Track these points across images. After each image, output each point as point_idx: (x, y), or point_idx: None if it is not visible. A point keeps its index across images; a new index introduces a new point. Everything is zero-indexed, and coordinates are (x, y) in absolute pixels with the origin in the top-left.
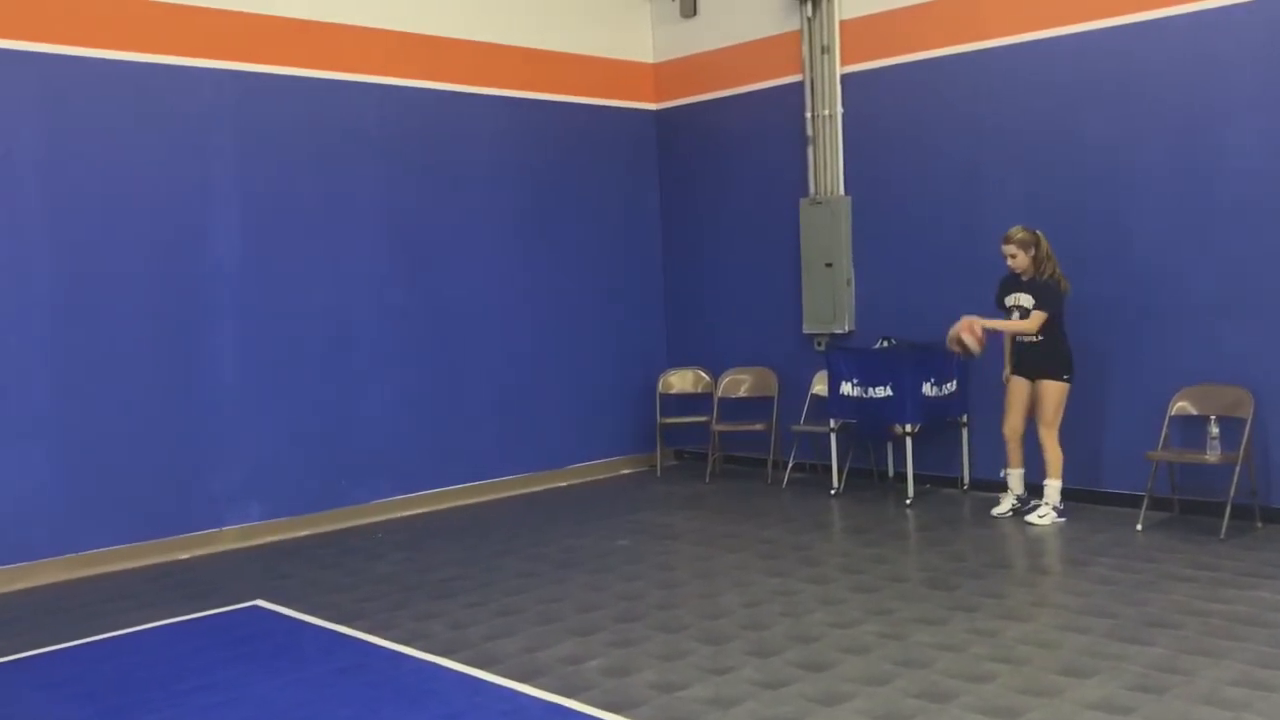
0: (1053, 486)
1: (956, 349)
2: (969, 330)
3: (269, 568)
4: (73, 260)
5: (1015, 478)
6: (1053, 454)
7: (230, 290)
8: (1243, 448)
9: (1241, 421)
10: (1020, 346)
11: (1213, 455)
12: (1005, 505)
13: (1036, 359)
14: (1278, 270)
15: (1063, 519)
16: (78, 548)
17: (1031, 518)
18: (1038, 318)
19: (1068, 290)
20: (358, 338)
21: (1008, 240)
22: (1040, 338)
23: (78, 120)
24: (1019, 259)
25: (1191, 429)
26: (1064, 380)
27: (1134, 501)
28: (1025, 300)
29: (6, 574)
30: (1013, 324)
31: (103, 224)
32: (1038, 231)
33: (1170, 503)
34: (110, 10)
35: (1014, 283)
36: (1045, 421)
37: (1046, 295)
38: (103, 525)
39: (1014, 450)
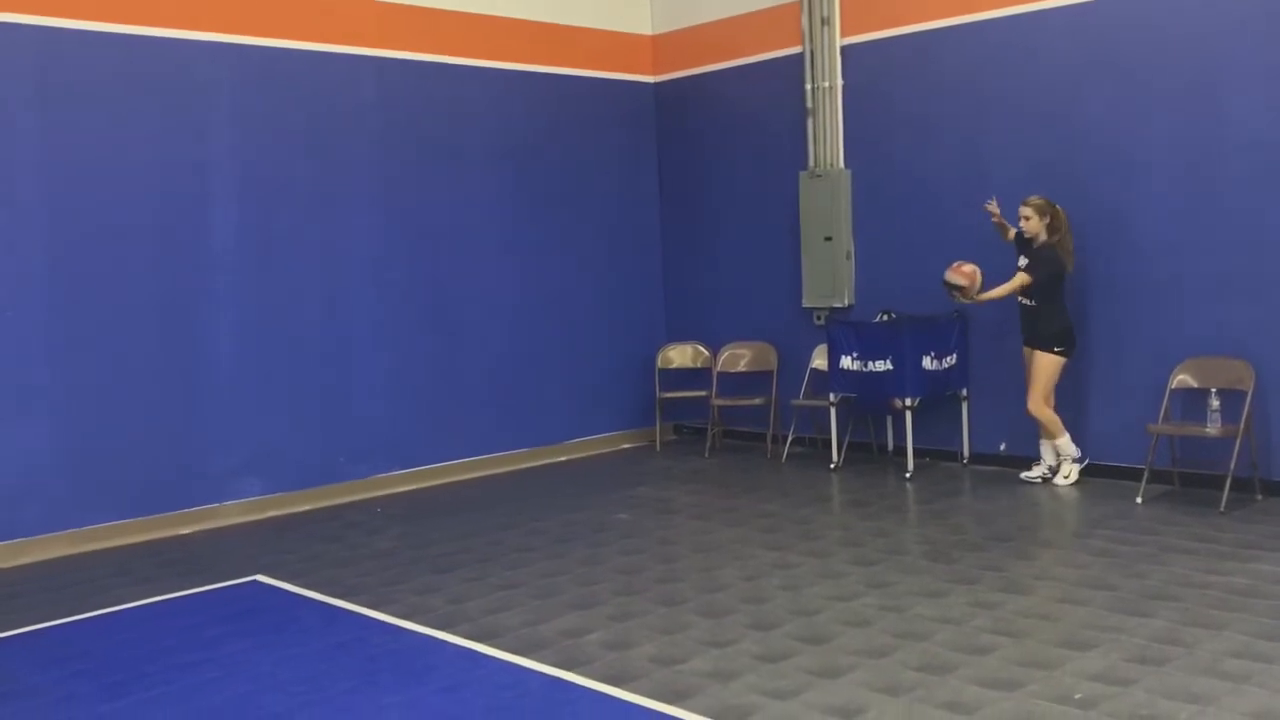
0: (1062, 443)
1: (955, 295)
2: (954, 270)
3: (269, 543)
4: (70, 235)
5: (1045, 448)
6: (1047, 420)
7: (229, 265)
8: (1243, 421)
9: (1242, 394)
10: (1020, 311)
11: (1213, 428)
12: (1035, 472)
13: (1029, 325)
14: (1278, 241)
15: (1084, 460)
16: (78, 523)
17: (1057, 480)
18: (1021, 279)
19: (1068, 267)
20: (356, 313)
21: (1025, 203)
22: (1032, 302)
23: (73, 93)
24: (1031, 222)
25: (1192, 402)
26: (1054, 353)
27: (1135, 474)
28: (1023, 263)
29: (7, 549)
30: (1002, 287)
31: (100, 199)
32: (1058, 206)
33: (1171, 475)
34: None
35: (1023, 246)
36: (1032, 393)
37: (1038, 261)
38: (103, 501)
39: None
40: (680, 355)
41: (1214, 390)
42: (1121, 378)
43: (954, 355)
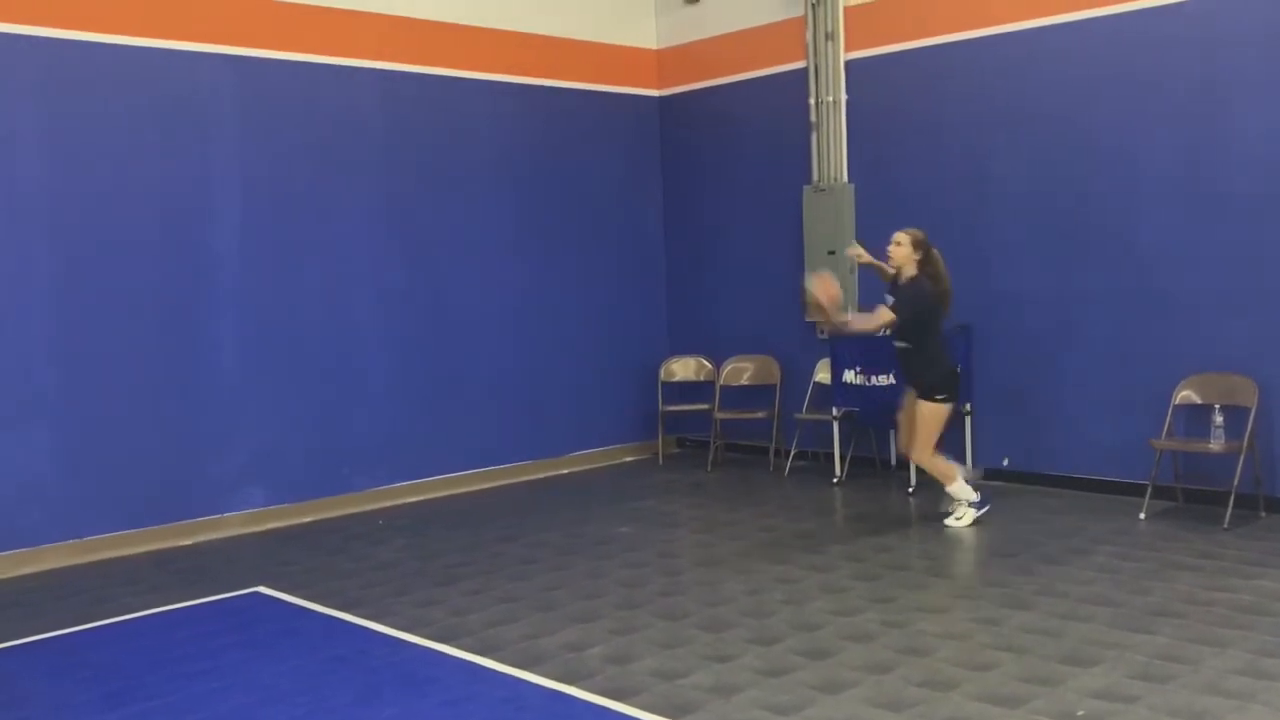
0: (954, 489)
1: (817, 316)
2: (816, 280)
3: (271, 554)
4: (74, 245)
5: (945, 495)
6: (935, 470)
7: (232, 275)
8: (1247, 437)
9: (1246, 410)
10: (896, 353)
11: (1217, 444)
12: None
13: (907, 369)
14: None
15: (985, 508)
16: (81, 533)
17: (949, 521)
18: (884, 315)
19: (943, 308)
20: (358, 324)
21: (900, 232)
22: (906, 344)
23: (77, 105)
24: (899, 250)
25: (1195, 418)
26: (936, 400)
27: (1138, 490)
28: (889, 300)
29: (10, 559)
30: (865, 318)
31: (103, 209)
32: (935, 249)
33: (1174, 491)
34: None
35: (893, 283)
36: (915, 442)
37: (903, 298)
38: (106, 511)
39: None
40: (683, 368)
41: (1218, 406)
42: (1125, 393)
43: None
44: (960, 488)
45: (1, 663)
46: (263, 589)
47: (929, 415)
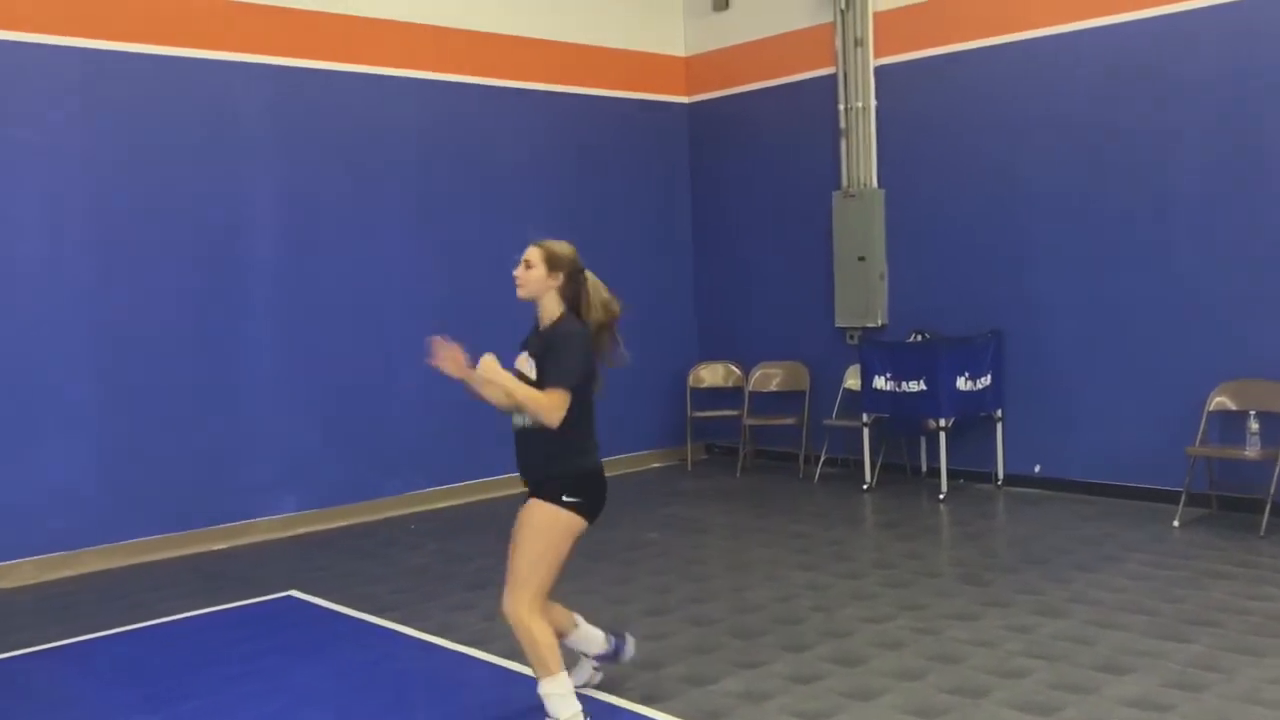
0: (546, 686)
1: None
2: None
3: (303, 558)
4: (110, 255)
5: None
6: (530, 635)
7: (266, 283)
8: None
9: None
10: (513, 434)
11: (1252, 451)
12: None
13: (524, 456)
14: None
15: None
16: (116, 538)
17: None
18: (557, 398)
19: (597, 379)
20: (390, 331)
21: (532, 245)
22: (525, 422)
23: (115, 115)
24: (532, 273)
25: (1230, 424)
26: (563, 504)
27: (1172, 497)
28: (527, 363)
29: (50, 562)
30: (526, 395)
31: (139, 219)
32: (590, 273)
33: (1208, 499)
34: (149, 5)
35: (529, 334)
36: (512, 579)
37: (549, 349)
38: (141, 516)
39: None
40: (712, 374)
41: (1253, 413)
42: (1158, 399)
43: (989, 376)
44: (555, 688)
45: (43, 664)
46: (295, 593)
47: (543, 528)
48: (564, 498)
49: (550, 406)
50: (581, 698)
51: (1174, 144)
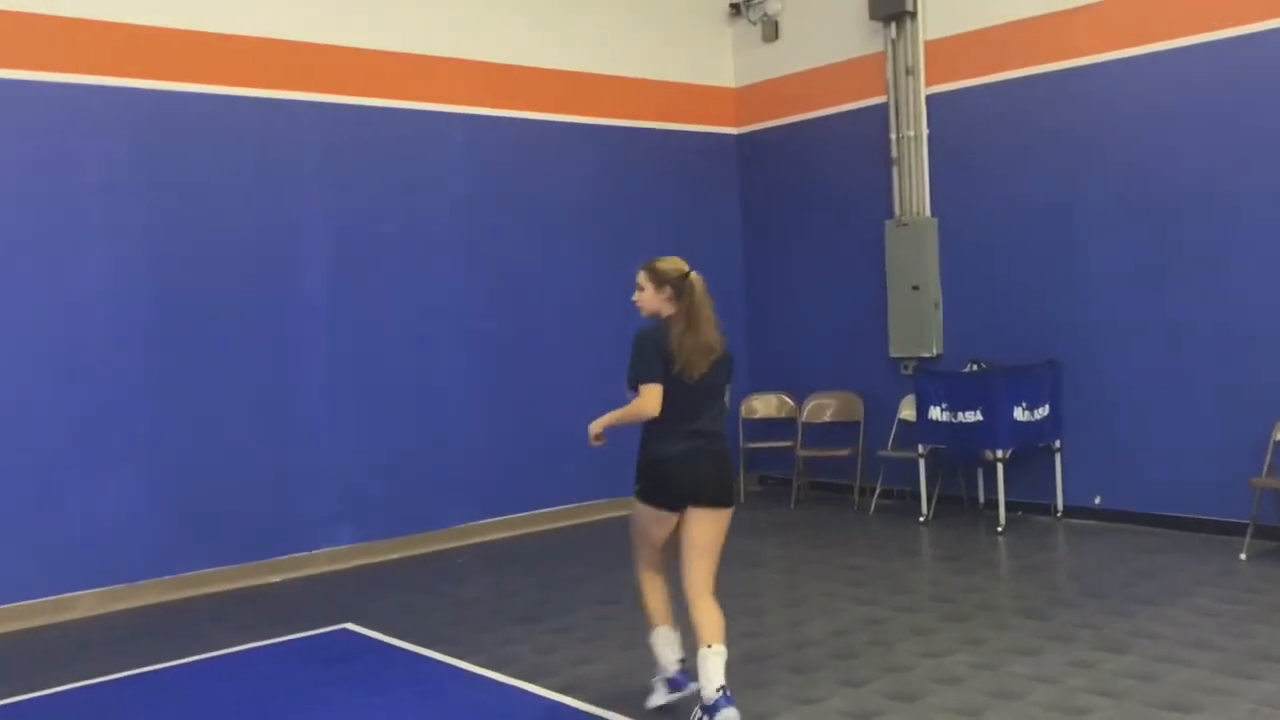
0: (657, 638)
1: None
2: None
3: (359, 590)
4: (171, 290)
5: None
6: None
7: (321, 318)
8: None
9: None
10: None
11: None
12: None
13: None
14: None
15: (682, 687)
16: (175, 570)
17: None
18: (632, 396)
19: (674, 363)
20: (443, 364)
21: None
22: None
23: (174, 154)
24: (641, 297)
25: None
26: (635, 491)
27: (1238, 530)
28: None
29: (108, 594)
30: (620, 413)
31: (199, 255)
32: (694, 275)
33: (1276, 531)
34: (204, 47)
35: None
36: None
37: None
38: (199, 548)
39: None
40: (765, 405)
41: None
42: (1222, 429)
43: (1046, 406)
44: (652, 639)
45: (99, 696)
46: (350, 625)
47: (632, 515)
48: (636, 486)
49: (632, 407)
50: None
51: (1235, 169)
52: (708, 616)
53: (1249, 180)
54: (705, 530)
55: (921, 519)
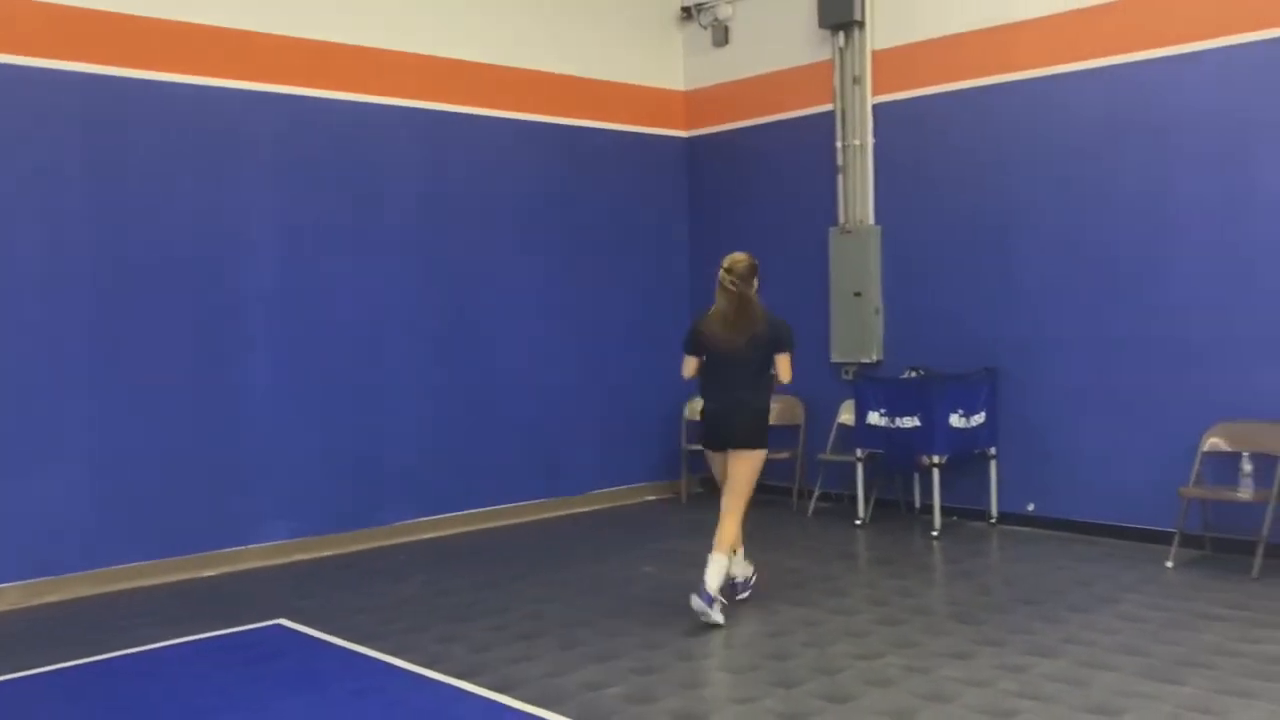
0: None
1: None
2: None
3: (294, 587)
4: (110, 280)
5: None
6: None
7: (265, 310)
8: (1276, 485)
9: (1275, 459)
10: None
11: (1245, 492)
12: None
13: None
14: None
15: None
16: (106, 563)
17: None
18: (684, 362)
19: (701, 330)
20: (387, 361)
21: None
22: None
23: (119, 140)
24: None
25: (1224, 466)
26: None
27: (1165, 538)
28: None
29: (36, 587)
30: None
31: (140, 244)
32: (722, 268)
33: (1202, 540)
34: (150, 33)
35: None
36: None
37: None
38: (131, 541)
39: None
40: None
41: (1246, 454)
42: (1152, 439)
43: (983, 413)
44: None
45: (19, 693)
46: (284, 622)
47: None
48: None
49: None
50: None
51: (1170, 185)
52: (723, 532)
53: (1184, 196)
54: (736, 466)
55: (858, 522)
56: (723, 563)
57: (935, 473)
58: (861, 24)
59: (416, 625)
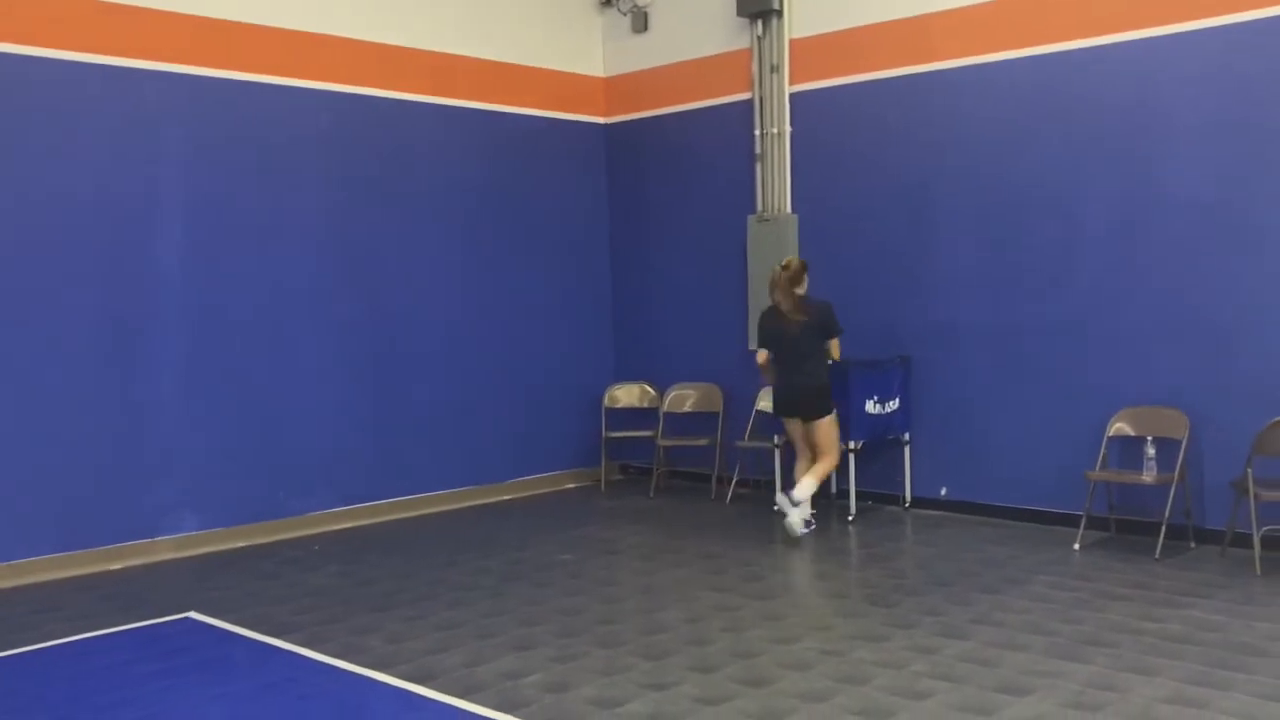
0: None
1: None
2: None
3: (204, 579)
4: (11, 260)
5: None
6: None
7: (171, 297)
8: (1178, 469)
9: (1177, 443)
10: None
11: (1149, 476)
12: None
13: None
14: (1212, 296)
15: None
16: (7, 557)
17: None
18: (758, 354)
19: (766, 327)
20: (299, 348)
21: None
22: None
23: (21, 119)
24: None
25: (1129, 450)
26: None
27: (1072, 521)
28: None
29: None
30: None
31: (44, 225)
32: (775, 267)
33: (1108, 522)
34: (57, 9)
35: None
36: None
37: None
38: (32, 534)
39: None
40: (627, 395)
41: (1150, 439)
42: (1061, 424)
43: (897, 400)
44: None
45: None
46: (194, 614)
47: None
48: None
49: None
50: None
51: (1079, 176)
52: (822, 467)
53: (1093, 186)
54: (817, 432)
55: (776, 508)
56: (813, 485)
57: (851, 458)
58: (780, 12)
59: (331, 617)
